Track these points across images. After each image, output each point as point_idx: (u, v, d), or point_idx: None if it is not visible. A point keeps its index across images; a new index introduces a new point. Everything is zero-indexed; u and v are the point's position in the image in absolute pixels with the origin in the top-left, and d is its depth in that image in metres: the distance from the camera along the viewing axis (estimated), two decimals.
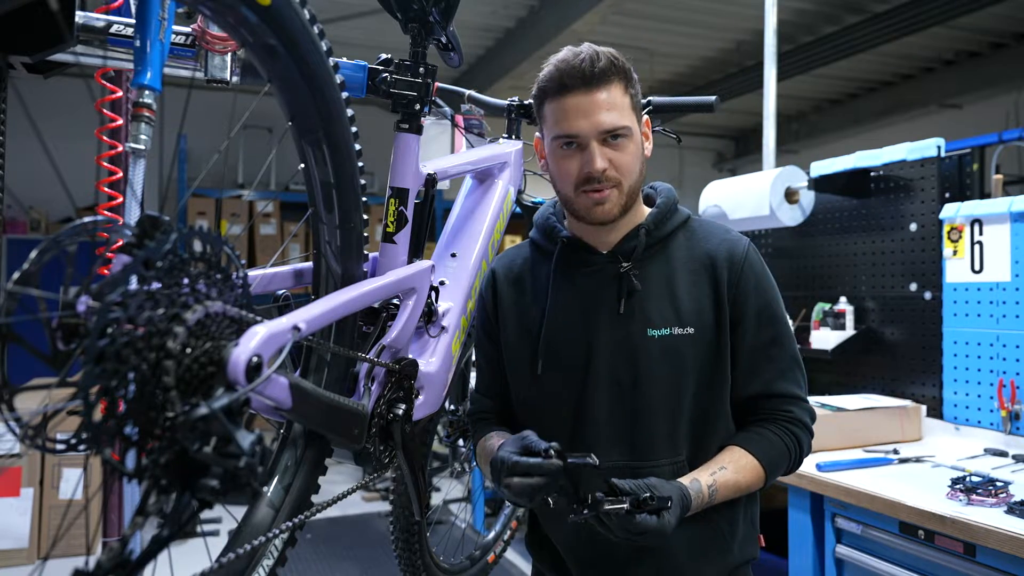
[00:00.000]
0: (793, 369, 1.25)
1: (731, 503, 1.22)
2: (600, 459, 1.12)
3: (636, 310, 1.20)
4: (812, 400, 1.37)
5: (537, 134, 1.27)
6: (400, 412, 1.12)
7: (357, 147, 1.02)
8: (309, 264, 1.13)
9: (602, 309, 1.22)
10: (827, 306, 2.78)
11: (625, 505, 1.02)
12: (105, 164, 1.30)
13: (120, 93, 1.29)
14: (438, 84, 1.30)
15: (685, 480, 1.13)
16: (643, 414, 1.19)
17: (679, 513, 1.07)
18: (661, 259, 1.23)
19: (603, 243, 1.25)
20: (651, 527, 1.02)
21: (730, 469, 1.17)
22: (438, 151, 1.67)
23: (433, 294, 1.25)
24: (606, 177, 1.15)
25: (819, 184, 2.74)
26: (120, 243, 0.69)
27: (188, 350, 0.67)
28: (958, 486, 1.72)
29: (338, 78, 0.96)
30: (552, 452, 1.03)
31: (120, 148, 1.32)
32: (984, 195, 3.38)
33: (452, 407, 1.69)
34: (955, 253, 2.40)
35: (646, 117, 1.24)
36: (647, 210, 1.28)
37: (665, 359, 1.18)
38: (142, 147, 1.07)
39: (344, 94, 0.97)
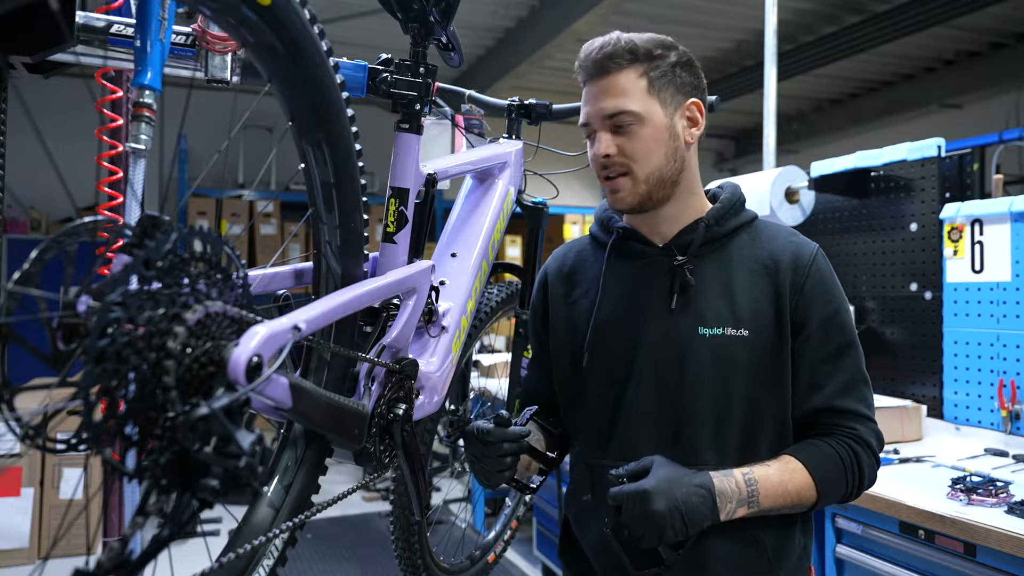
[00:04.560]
0: (859, 385, 1.16)
1: (783, 526, 1.15)
2: (640, 457, 1.13)
3: (689, 306, 1.15)
4: None
5: None
6: (400, 412, 1.12)
7: (357, 147, 1.01)
8: (309, 264, 1.13)
9: (652, 303, 1.18)
10: None
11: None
12: (105, 164, 1.30)
13: (120, 93, 1.29)
14: (438, 84, 1.29)
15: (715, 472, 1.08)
16: (688, 415, 1.13)
17: (669, 480, 1.02)
18: (720, 256, 1.18)
19: (659, 235, 1.21)
20: (623, 493, 1.02)
21: (774, 467, 1.09)
22: (438, 151, 1.67)
23: (433, 294, 1.25)
24: (613, 163, 1.13)
25: (819, 184, 2.74)
26: (120, 243, 0.68)
27: (188, 350, 0.67)
28: (958, 486, 1.72)
29: (338, 78, 0.96)
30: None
31: (120, 148, 1.32)
32: (984, 195, 3.38)
33: (452, 407, 1.69)
34: (955, 253, 2.40)
35: (693, 100, 1.16)
36: (708, 205, 1.22)
37: (714, 360, 1.13)
38: (142, 147, 1.07)
39: (344, 94, 0.97)
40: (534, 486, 1.23)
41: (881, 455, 1.17)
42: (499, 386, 2.42)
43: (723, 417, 1.13)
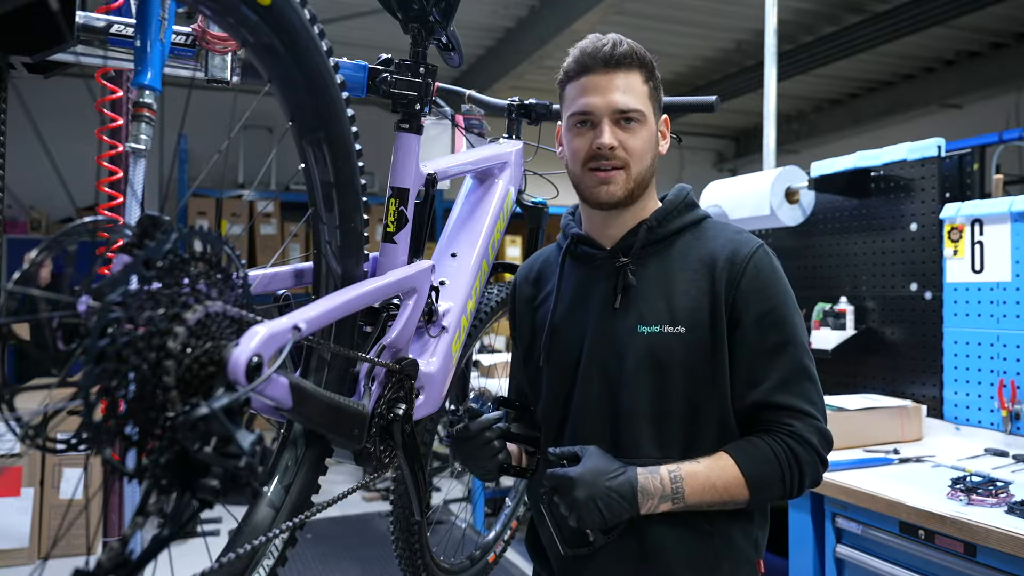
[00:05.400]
0: (801, 382, 1.15)
1: (733, 519, 1.16)
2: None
3: (631, 306, 1.19)
4: None
5: (559, 122, 1.28)
6: (400, 412, 1.12)
7: (357, 147, 1.01)
8: (309, 264, 1.13)
9: (599, 304, 1.23)
10: (827, 306, 2.78)
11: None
12: (105, 164, 1.30)
13: (120, 93, 1.29)
14: (438, 84, 1.29)
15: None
16: (628, 412, 1.17)
17: (594, 472, 1.07)
18: (663, 257, 1.21)
19: (607, 238, 1.25)
20: (554, 476, 1.09)
21: (703, 464, 1.11)
22: (438, 151, 1.67)
23: (433, 294, 1.25)
24: (614, 156, 1.16)
25: (819, 184, 2.75)
26: (120, 243, 0.68)
27: (188, 350, 0.67)
28: (958, 486, 1.72)
29: (338, 78, 0.96)
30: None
31: (120, 148, 1.32)
32: (984, 195, 3.38)
33: (452, 407, 1.69)
34: (955, 253, 2.40)
35: (665, 116, 1.24)
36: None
37: (651, 357, 1.15)
38: (142, 147, 1.07)
39: (344, 94, 0.97)
40: (534, 468, 1.28)
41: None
42: (499, 386, 2.42)
43: (663, 414, 1.16)
